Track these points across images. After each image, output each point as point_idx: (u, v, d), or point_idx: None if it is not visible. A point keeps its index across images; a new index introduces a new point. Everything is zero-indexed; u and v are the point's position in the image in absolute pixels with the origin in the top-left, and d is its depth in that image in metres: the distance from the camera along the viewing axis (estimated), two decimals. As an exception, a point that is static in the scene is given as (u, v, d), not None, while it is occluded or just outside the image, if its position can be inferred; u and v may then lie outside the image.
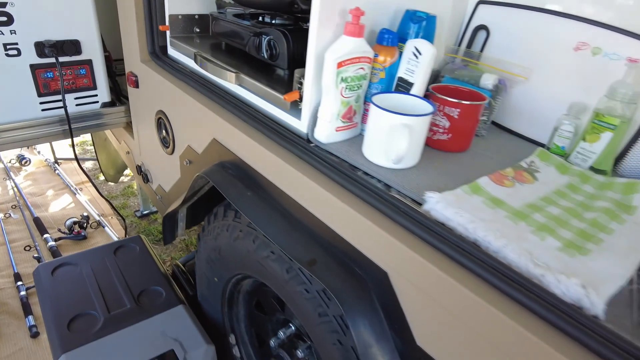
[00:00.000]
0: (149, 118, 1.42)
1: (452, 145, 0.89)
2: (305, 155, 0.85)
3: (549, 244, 0.62)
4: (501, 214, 0.68)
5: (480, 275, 0.59)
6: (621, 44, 0.87)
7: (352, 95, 0.84)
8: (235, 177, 0.99)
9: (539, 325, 0.54)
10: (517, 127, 1.04)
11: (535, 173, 0.83)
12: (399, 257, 0.67)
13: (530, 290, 0.56)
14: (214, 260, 1.27)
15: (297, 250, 0.82)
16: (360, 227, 0.72)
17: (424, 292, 0.65)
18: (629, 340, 0.50)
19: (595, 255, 0.61)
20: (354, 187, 0.75)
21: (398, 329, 0.70)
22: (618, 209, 0.74)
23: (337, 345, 0.85)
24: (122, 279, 1.52)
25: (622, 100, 0.82)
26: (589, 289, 0.54)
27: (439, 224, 0.66)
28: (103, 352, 1.26)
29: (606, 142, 0.85)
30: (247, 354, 1.43)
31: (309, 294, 0.89)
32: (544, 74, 0.98)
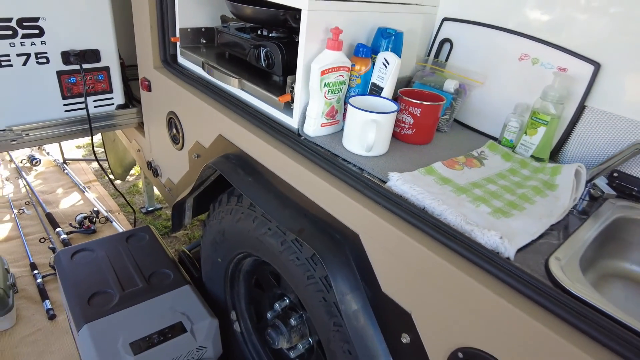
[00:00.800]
0: (160, 118, 1.61)
1: (417, 139, 1.08)
2: (296, 146, 1.04)
3: (481, 210, 0.81)
4: (447, 189, 0.87)
5: (426, 232, 0.78)
6: (553, 55, 1.06)
7: (334, 97, 1.03)
8: (238, 166, 1.18)
9: (468, 265, 0.73)
10: (475, 124, 1.23)
11: (483, 160, 1.03)
12: (367, 222, 0.86)
13: (462, 241, 0.74)
14: (219, 242, 1.45)
15: (289, 223, 1.00)
16: (338, 200, 0.91)
17: (387, 249, 0.83)
18: (529, 273, 0.69)
19: (515, 218, 0.80)
20: (335, 170, 0.94)
21: (368, 280, 0.89)
22: (544, 187, 0.93)
23: (322, 302, 1.03)
24: (134, 262, 1.70)
25: (552, 101, 1.01)
26: (505, 239, 0.73)
27: (398, 196, 0.85)
28: (120, 323, 1.43)
29: (542, 135, 1.04)
30: (247, 328, 1.61)
31: (300, 261, 1.07)
32: (496, 79, 1.17)
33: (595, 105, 1.04)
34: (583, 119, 1.06)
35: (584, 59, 1.02)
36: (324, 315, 1.04)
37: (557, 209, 0.85)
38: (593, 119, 1.04)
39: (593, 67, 1.01)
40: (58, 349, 1.82)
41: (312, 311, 1.08)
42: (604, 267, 0.97)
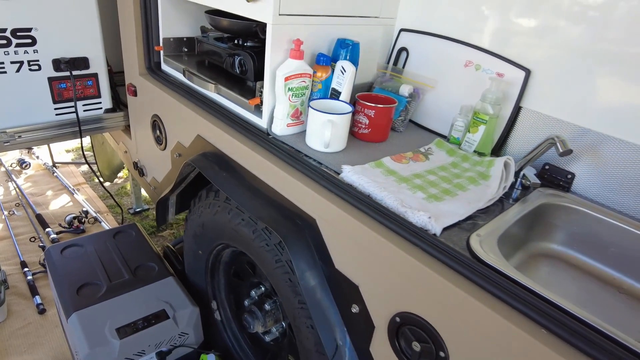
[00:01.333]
0: (145, 121, 1.73)
1: (372, 137, 1.22)
2: (265, 144, 1.16)
3: (417, 195, 0.95)
4: (391, 179, 1.00)
5: (369, 215, 0.91)
6: (493, 62, 1.20)
7: (297, 100, 1.16)
8: (214, 163, 1.30)
9: (402, 242, 0.85)
10: (428, 124, 1.37)
11: (429, 155, 1.16)
12: (323, 208, 0.98)
13: (397, 221, 0.87)
14: (199, 234, 1.56)
15: (258, 212, 1.13)
16: (299, 190, 1.03)
17: (339, 230, 0.96)
18: (451, 247, 0.82)
19: (446, 202, 0.94)
20: (297, 164, 1.07)
21: (323, 258, 1.01)
22: (479, 177, 1.07)
23: (288, 282, 1.16)
24: (121, 256, 1.81)
25: (490, 102, 1.15)
26: (432, 219, 0.86)
27: (348, 185, 0.98)
28: (107, 311, 1.54)
29: (482, 132, 1.18)
30: (227, 317, 1.72)
31: (269, 247, 1.20)
32: (445, 84, 1.31)
33: (528, 106, 1.18)
34: (520, 118, 1.20)
35: (517, 66, 1.16)
36: (290, 295, 1.16)
37: (486, 195, 0.99)
38: (528, 118, 1.19)
39: (525, 73, 1.15)
40: (48, 341, 1.92)
41: (280, 292, 1.21)
42: (534, 248, 1.10)
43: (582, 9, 1.04)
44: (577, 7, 1.05)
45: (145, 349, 1.50)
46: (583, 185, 1.12)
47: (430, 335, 0.82)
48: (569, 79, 1.09)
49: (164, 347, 1.56)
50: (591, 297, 1.02)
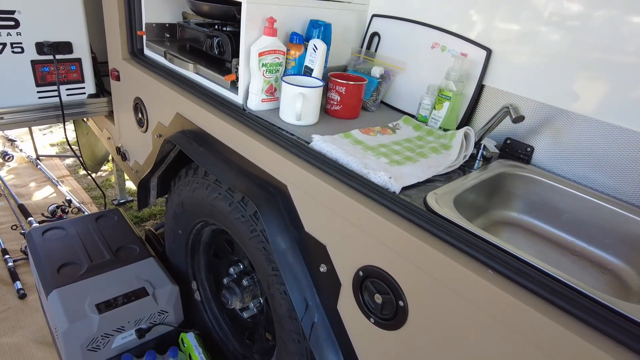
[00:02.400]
0: (127, 104, 1.76)
1: (344, 114, 1.27)
2: (241, 118, 1.21)
3: (381, 161, 1.00)
4: (358, 147, 1.06)
5: (335, 177, 0.96)
6: (457, 43, 1.27)
7: (271, 76, 1.21)
8: (192, 139, 1.35)
9: (365, 199, 0.91)
10: (399, 105, 1.44)
11: (397, 130, 1.22)
12: (294, 174, 1.03)
13: (361, 181, 0.93)
14: (179, 214, 1.60)
15: (233, 182, 1.18)
16: (272, 159, 1.08)
17: (308, 194, 1.01)
18: (409, 202, 0.88)
19: (407, 166, 1.00)
20: (270, 135, 1.12)
21: (294, 223, 1.06)
22: (441, 147, 1.13)
23: (263, 251, 1.20)
24: (103, 238, 1.84)
25: (453, 80, 1.22)
26: (392, 179, 0.92)
27: (318, 152, 1.03)
28: (87, 288, 1.57)
29: (447, 108, 1.24)
30: (207, 297, 1.76)
31: (244, 218, 1.24)
32: (414, 65, 1.38)
33: (491, 84, 1.25)
34: (483, 96, 1.27)
35: (479, 46, 1.23)
36: (264, 263, 1.21)
37: (446, 162, 1.05)
38: (490, 96, 1.26)
39: (486, 52, 1.22)
40: (28, 324, 1.93)
41: (256, 262, 1.25)
42: (494, 216, 1.17)
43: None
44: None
45: (124, 325, 1.53)
46: (542, 158, 1.19)
47: (390, 286, 0.87)
48: (526, 57, 1.16)
49: (143, 324, 1.59)
50: (547, 259, 1.08)
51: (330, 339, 1.04)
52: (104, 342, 1.50)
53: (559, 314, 0.66)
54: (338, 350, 1.03)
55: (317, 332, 1.05)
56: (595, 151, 1.10)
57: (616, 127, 1.05)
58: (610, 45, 1.03)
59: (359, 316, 0.96)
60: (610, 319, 0.64)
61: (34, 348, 1.80)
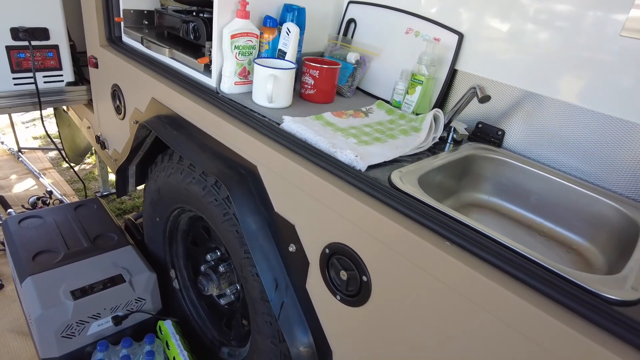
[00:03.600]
0: (106, 92, 1.75)
1: (318, 98, 1.28)
2: (214, 101, 1.21)
3: (349, 141, 1.01)
4: (328, 129, 1.07)
5: (304, 156, 0.97)
6: (430, 28, 1.28)
7: (244, 59, 1.21)
8: (167, 123, 1.34)
9: (331, 177, 0.91)
10: (374, 91, 1.45)
11: (369, 113, 1.23)
12: (264, 155, 1.04)
13: (328, 159, 0.93)
14: (156, 200, 1.60)
15: (205, 164, 1.18)
16: (242, 140, 1.09)
17: (277, 174, 1.02)
18: (373, 179, 0.88)
19: (374, 146, 1.00)
20: (242, 117, 1.12)
21: (264, 203, 1.07)
22: (411, 129, 1.14)
23: (235, 234, 1.20)
24: (81, 227, 1.82)
25: (425, 64, 1.23)
26: (358, 157, 0.92)
27: (287, 133, 1.04)
28: (62, 275, 1.55)
29: (419, 93, 1.25)
30: (185, 285, 1.75)
31: (217, 202, 1.24)
32: (389, 51, 1.39)
33: (463, 69, 1.26)
34: (456, 80, 1.28)
35: (451, 30, 1.24)
36: (237, 246, 1.21)
37: (414, 143, 1.06)
38: (463, 80, 1.27)
39: (458, 37, 1.23)
40: (4, 315, 1.91)
41: (229, 245, 1.25)
42: (464, 198, 1.18)
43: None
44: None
45: (100, 312, 1.52)
46: (513, 141, 1.21)
47: (354, 261, 0.88)
48: (498, 41, 1.18)
49: (120, 311, 1.58)
50: (515, 239, 1.09)
51: (299, 318, 1.05)
52: (79, 328, 1.49)
53: (513, 283, 0.67)
54: (307, 329, 1.04)
55: (287, 311, 1.05)
56: (563, 134, 1.11)
57: (584, 110, 1.07)
58: (581, 29, 1.05)
59: (326, 294, 0.96)
60: (558, 284, 0.65)
61: (10, 338, 1.78)
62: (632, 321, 0.59)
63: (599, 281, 0.68)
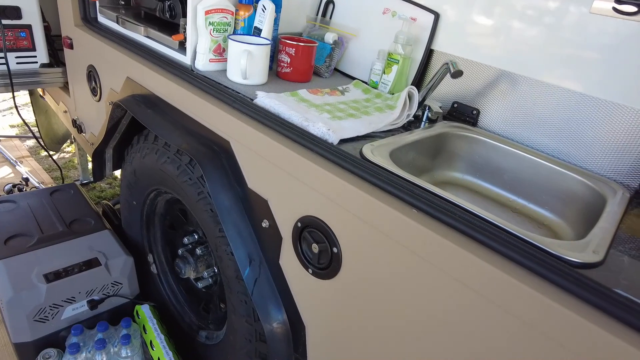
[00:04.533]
0: (81, 73, 1.72)
1: (294, 77, 1.27)
2: (188, 78, 1.20)
3: (323, 116, 1.01)
4: (303, 104, 1.06)
5: (276, 129, 0.96)
6: (407, 8, 1.28)
7: (219, 36, 1.20)
8: (141, 102, 1.32)
9: (303, 150, 0.91)
10: (353, 72, 1.44)
11: (345, 92, 1.23)
12: (237, 130, 1.03)
13: (300, 133, 0.93)
14: (132, 183, 1.58)
15: (178, 141, 1.16)
16: (216, 115, 1.07)
17: (250, 149, 1.01)
18: (343, 151, 0.88)
19: (348, 121, 1.00)
20: (215, 93, 1.11)
21: (237, 180, 1.06)
22: (385, 107, 1.14)
23: (209, 212, 1.19)
24: (57, 212, 1.79)
25: (401, 43, 1.23)
26: (330, 131, 0.92)
27: (261, 108, 1.03)
28: (36, 259, 1.52)
29: (395, 72, 1.25)
30: (163, 270, 1.74)
31: (192, 181, 1.23)
32: (366, 32, 1.38)
33: (439, 49, 1.26)
34: (432, 60, 1.29)
35: (427, 10, 1.24)
36: (212, 225, 1.20)
37: (388, 119, 1.06)
38: (439, 60, 1.27)
39: (434, 16, 1.23)
40: (-21, 302, 1.87)
41: (204, 224, 1.24)
42: (438, 176, 1.19)
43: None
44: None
45: (75, 295, 1.50)
46: (488, 121, 1.22)
47: (325, 233, 0.88)
48: (474, 21, 1.18)
49: (95, 295, 1.56)
50: (487, 217, 1.11)
51: (272, 295, 1.04)
52: (52, 312, 1.46)
53: (479, 248, 0.68)
54: (280, 305, 1.04)
55: (260, 288, 1.05)
56: (537, 113, 1.12)
57: (557, 88, 1.08)
58: (554, 8, 1.06)
59: (298, 268, 0.96)
60: (522, 247, 0.65)
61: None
62: (592, 282, 0.60)
63: (562, 245, 0.69)
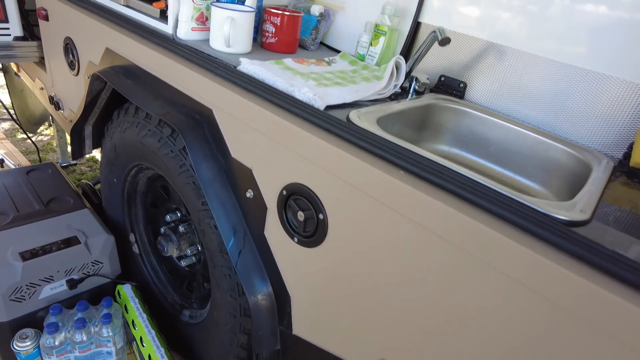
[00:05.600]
0: (58, 46, 1.66)
1: (280, 47, 1.24)
2: (170, 47, 1.15)
3: (309, 83, 0.98)
4: (288, 72, 1.03)
5: (260, 95, 0.93)
6: (394, -20, 1.26)
7: (202, 3, 1.16)
8: (121, 73, 1.28)
9: (289, 116, 0.88)
10: (340, 46, 1.42)
11: (332, 63, 1.20)
12: (220, 96, 1.00)
13: (285, 98, 0.90)
14: (112, 159, 1.53)
15: (158, 110, 1.13)
16: (198, 83, 1.04)
17: (233, 116, 0.98)
18: (329, 115, 0.86)
19: (334, 88, 0.98)
20: (198, 60, 1.07)
21: (220, 149, 1.03)
22: (373, 77, 1.12)
23: (192, 185, 1.16)
24: (33, 190, 1.73)
25: (389, 14, 1.21)
26: (316, 96, 0.90)
27: (245, 74, 1.00)
28: (11, 238, 1.47)
29: (383, 44, 1.23)
30: (145, 250, 1.70)
31: (173, 153, 1.20)
32: (353, 4, 1.36)
33: (426, 21, 1.25)
34: (420, 33, 1.27)
35: (415, -19, 1.22)
36: (194, 198, 1.17)
37: (375, 88, 1.04)
38: (426, 33, 1.25)
39: (421, -13, 1.21)
40: (-47, 284, 1.80)
41: (186, 198, 1.21)
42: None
43: None
44: None
45: (53, 274, 1.46)
46: (475, 94, 1.21)
47: (311, 200, 0.86)
48: (459, -9, 1.17)
49: (75, 274, 1.52)
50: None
51: (257, 266, 1.02)
52: (29, 292, 1.42)
53: (469, 207, 0.67)
54: (265, 276, 1.02)
55: (245, 260, 1.03)
56: (524, 85, 1.12)
57: (545, 60, 1.08)
58: (536, -26, 1.05)
59: (284, 238, 0.94)
60: (511, 205, 0.65)
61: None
62: (580, 237, 0.60)
63: (550, 204, 0.68)
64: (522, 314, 0.61)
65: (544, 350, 0.60)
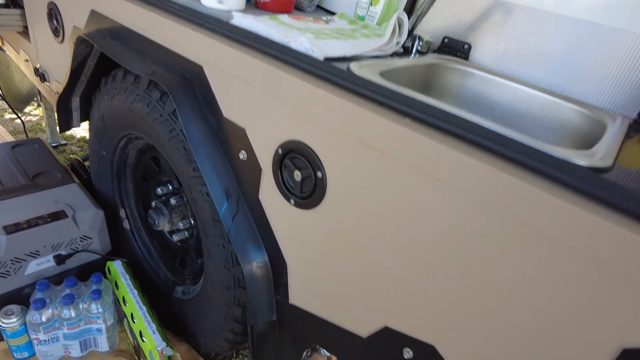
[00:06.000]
0: (41, 13, 1.58)
1: (274, 7, 1.17)
2: (158, 3, 1.08)
3: (307, 35, 0.92)
4: (284, 27, 0.97)
5: (254, 47, 0.87)
6: None
7: (192, -44, 1.09)
8: (107, 35, 1.21)
9: (286, 67, 0.82)
10: (336, 9, 1.35)
11: (330, 22, 1.14)
12: (211, 51, 0.93)
13: (281, 49, 0.84)
14: (100, 130, 1.46)
15: (145, 70, 1.06)
16: (187, 37, 0.98)
17: (225, 71, 0.92)
18: (329, 64, 0.80)
19: (333, 41, 0.92)
20: (190, 16, 1.00)
21: (212, 109, 0.97)
22: (373, 35, 1.06)
23: (182, 151, 1.10)
24: (19, 165, 1.67)
25: (391, -30, 1.14)
26: (314, 47, 0.83)
27: (238, 28, 0.93)
28: (-6, 212, 1.41)
29: (383, 4, 1.17)
30: (136, 226, 1.64)
31: (163, 117, 1.13)
32: (352, -36, 1.29)
33: (429, -20, 1.18)
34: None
35: None
36: (185, 165, 1.11)
37: (375, 44, 0.98)
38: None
39: (424, -58, 1.14)
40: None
41: (176, 165, 1.15)
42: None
43: None
44: None
45: (39, 249, 1.40)
46: (480, 56, 1.15)
47: (308, 158, 0.80)
48: (465, -56, 1.10)
49: (62, 250, 1.46)
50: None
51: (252, 233, 0.97)
52: (14, 267, 1.36)
53: (482, 154, 0.61)
54: (260, 243, 0.97)
55: (239, 226, 0.97)
56: (532, 44, 1.06)
57: (552, 15, 1.02)
58: None
59: (279, 200, 0.89)
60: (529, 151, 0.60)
61: (-59, 283, 1.63)
62: (602, 181, 0.55)
63: (569, 153, 0.63)
64: (546, 268, 0.56)
65: (582, 310, 0.56)
